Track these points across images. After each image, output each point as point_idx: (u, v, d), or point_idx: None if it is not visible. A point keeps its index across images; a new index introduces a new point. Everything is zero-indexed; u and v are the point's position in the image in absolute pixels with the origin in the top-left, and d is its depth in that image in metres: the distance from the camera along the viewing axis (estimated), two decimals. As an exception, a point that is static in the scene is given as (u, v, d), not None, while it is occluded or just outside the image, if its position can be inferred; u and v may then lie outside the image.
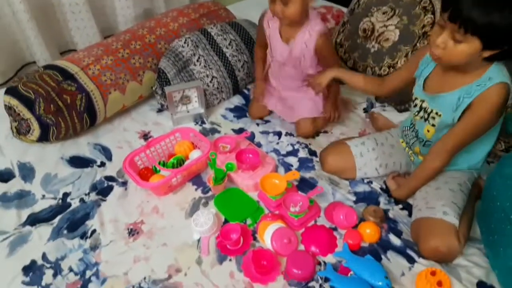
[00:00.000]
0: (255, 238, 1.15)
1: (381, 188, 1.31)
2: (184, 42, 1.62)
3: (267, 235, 1.11)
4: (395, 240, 1.15)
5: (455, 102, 1.04)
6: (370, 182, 1.33)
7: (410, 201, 1.24)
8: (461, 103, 1.03)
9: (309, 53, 1.36)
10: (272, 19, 1.40)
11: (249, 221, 1.19)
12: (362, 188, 1.32)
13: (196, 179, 1.34)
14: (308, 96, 1.50)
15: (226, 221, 1.20)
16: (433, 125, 1.12)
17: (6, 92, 1.39)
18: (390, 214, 1.23)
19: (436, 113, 1.10)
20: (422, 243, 1.08)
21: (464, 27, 0.89)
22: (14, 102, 1.36)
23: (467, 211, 1.16)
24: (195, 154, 1.36)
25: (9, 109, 1.39)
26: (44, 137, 1.41)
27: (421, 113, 1.16)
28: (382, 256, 1.11)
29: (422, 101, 1.15)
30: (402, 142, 1.31)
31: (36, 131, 1.39)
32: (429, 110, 1.13)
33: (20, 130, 1.41)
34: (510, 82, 0.99)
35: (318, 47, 1.35)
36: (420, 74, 1.16)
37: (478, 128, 1.05)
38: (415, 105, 1.18)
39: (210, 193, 1.29)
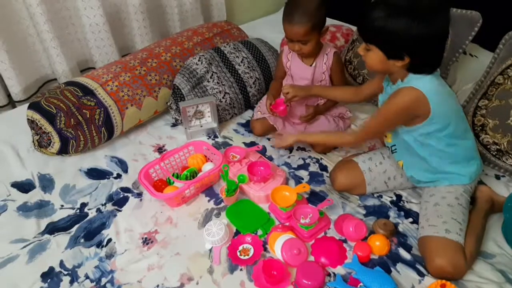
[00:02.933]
0: (265, 249, 1.17)
1: (391, 202, 1.32)
2: (198, 60, 1.68)
3: (278, 246, 1.14)
4: (404, 254, 1.16)
5: (383, 100, 1.20)
6: (380, 196, 1.35)
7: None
8: (385, 97, 1.18)
9: (328, 72, 1.51)
10: (290, 53, 1.54)
11: (260, 232, 1.22)
12: (372, 202, 1.33)
13: (209, 191, 1.38)
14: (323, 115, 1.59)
15: (237, 232, 1.23)
16: None
17: (29, 107, 1.46)
18: (400, 228, 1.24)
19: None
20: (428, 262, 1.10)
21: (362, 37, 1.10)
22: (36, 116, 1.43)
23: (474, 226, 1.17)
24: (207, 167, 1.40)
25: (31, 123, 1.46)
26: (64, 150, 1.47)
27: None
28: (392, 269, 1.12)
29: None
30: None
31: (56, 144, 1.45)
32: None
33: (41, 143, 1.48)
34: (424, 90, 1.07)
35: (334, 65, 1.50)
36: (385, 90, 1.26)
37: (384, 119, 1.17)
38: None
39: (222, 204, 1.33)
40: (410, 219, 1.26)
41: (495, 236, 1.20)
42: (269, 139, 1.62)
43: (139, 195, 1.37)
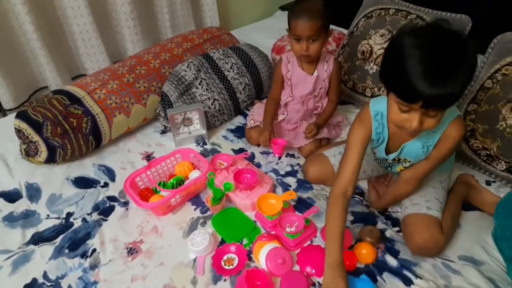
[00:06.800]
0: (250, 258, 1.16)
1: (379, 211, 1.31)
2: (187, 67, 1.67)
3: (262, 255, 1.12)
4: (391, 261, 1.14)
5: (420, 149, 1.10)
6: (368, 206, 1.33)
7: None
8: (427, 148, 1.09)
9: (328, 79, 1.52)
10: (289, 63, 1.52)
11: (245, 241, 1.20)
12: (360, 208, 1.32)
13: (195, 199, 1.37)
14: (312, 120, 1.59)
15: (222, 241, 1.21)
16: (405, 165, 1.18)
17: (17, 116, 1.46)
18: (387, 234, 1.22)
19: (405, 160, 1.16)
20: (409, 238, 1.14)
21: (439, 107, 0.90)
22: (23, 125, 1.43)
23: (450, 206, 1.22)
24: (194, 175, 1.39)
25: (18, 132, 1.46)
26: (51, 159, 1.47)
27: (389, 162, 1.22)
28: (378, 278, 1.10)
29: (391, 159, 1.18)
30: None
31: (43, 153, 1.45)
32: (397, 159, 1.17)
33: (29, 152, 1.47)
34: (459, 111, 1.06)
35: (334, 71, 1.51)
36: (378, 141, 1.15)
37: (447, 157, 1.12)
38: (378, 161, 1.26)
39: (208, 213, 1.31)
40: (397, 228, 1.24)
41: (485, 243, 1.19)
42: (258, 145, 1.61)
43: (125, 204, 1.36)
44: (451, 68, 0.84)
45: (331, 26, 1.92)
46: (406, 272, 1.11)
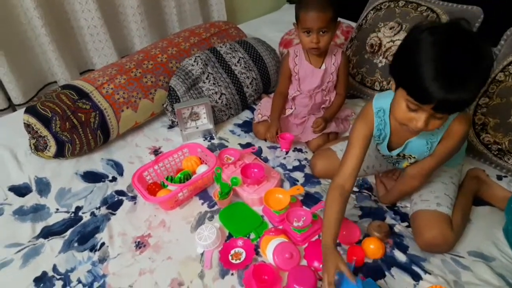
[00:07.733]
0: (257, 253, 1.16)
1: (387, 206, 1.30)
2: (194, 61, 1.67)
3: (269, 250, 1.12)
4: (400, 256, 1.13)
5: (425, 145, 1.08)
6: (376, 201, 1.32)
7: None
8: (432, 145, 1.07)
9: (336, 73, 1.50)
10: (297, 57, 1.50)
11: (252, 236, 1.20)
12: (368, 203, 1.31)
13: (203, 194, 1.37)
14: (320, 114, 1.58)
15: (230, 235, 1.22)
16: (410, 161, 1.16)
17: (26, 111, 1.47)
18: (396, 229, 1.21)
19: (410, 156, 1.14)
20: (418, 234, 1.13)
21: (450, 112, 0.90)
22: (32, 120, 1.44)
23: (460, 202, 1.20)
24: (202, 169, 1.38)
25: (28, 126, 1.47)
26: (60, 153, 1.48)
27: (395, 158, 1.19)
28: (386, 273, 1.09)
29: (396, 155, 1.16)
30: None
31: (52, 147, 1.46)
32: (402, 155, 1.15)
33: (38, 147, 1.49)
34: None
35: (342, 64, 1.49)
36: (380, 137, 1.13)
37: (453, 152, 1.09)
38: (384, 157, 1.24)
39: (216, 207, 1.32)
40: (406, 223, 1.23)
41: (496, 238, 1.17)
42: (266, 140, 1.60)
43: (134, 198, 1.37)
44: (466, 73, 0.80)
45: (339, 19, 1.90)
46: (415, 268, 1.10)
